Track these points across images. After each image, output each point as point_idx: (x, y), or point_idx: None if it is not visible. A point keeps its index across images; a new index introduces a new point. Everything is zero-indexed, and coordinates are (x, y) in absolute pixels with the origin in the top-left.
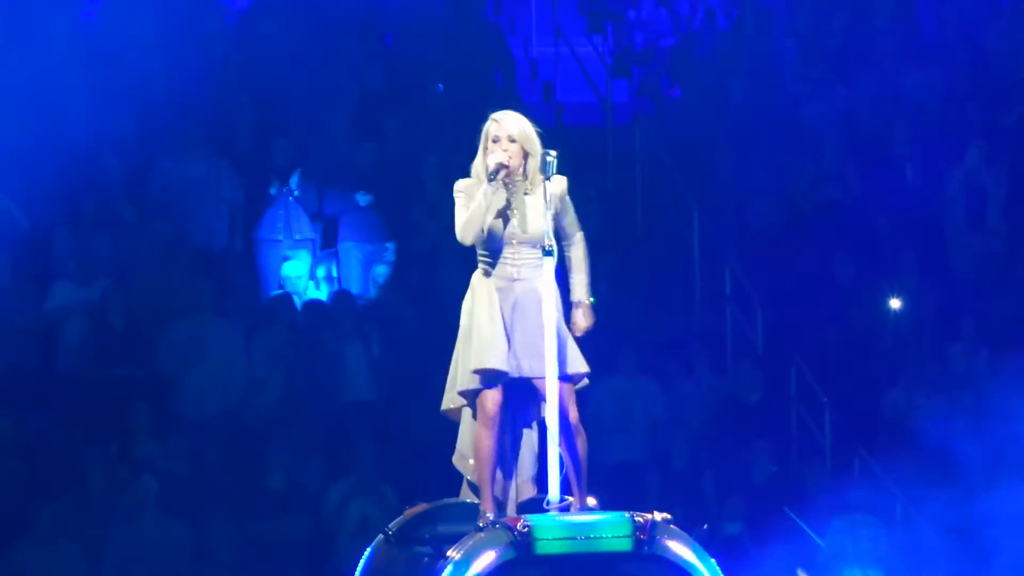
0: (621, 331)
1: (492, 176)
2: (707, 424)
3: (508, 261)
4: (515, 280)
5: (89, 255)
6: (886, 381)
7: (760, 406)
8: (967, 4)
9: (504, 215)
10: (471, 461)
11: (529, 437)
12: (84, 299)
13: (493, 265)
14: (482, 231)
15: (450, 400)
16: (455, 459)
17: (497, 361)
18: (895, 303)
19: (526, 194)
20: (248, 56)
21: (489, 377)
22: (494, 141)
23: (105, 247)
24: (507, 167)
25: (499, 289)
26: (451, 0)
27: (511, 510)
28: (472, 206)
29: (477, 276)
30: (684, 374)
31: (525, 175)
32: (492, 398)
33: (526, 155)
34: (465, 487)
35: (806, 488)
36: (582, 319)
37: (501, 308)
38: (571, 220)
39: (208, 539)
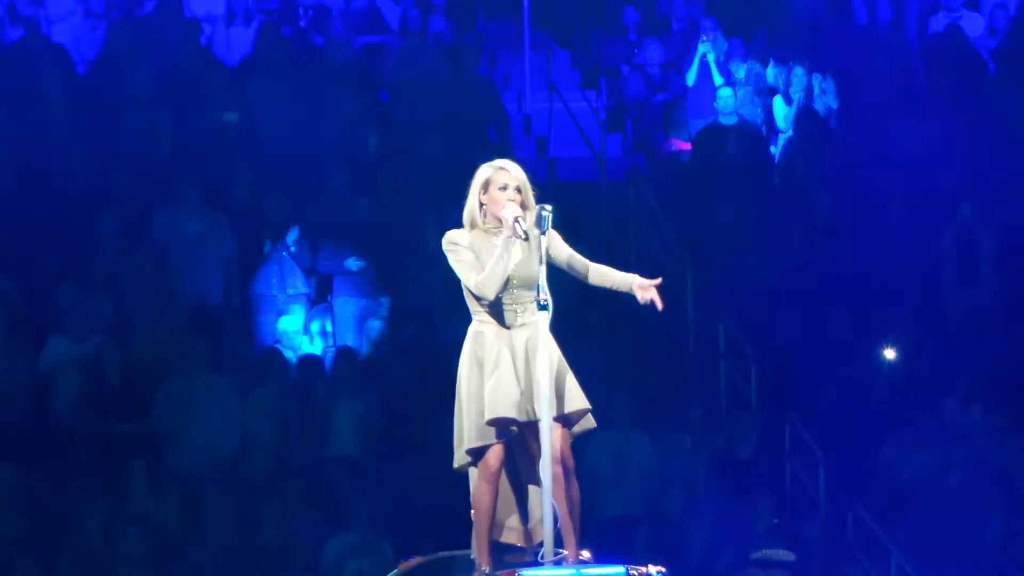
0: (615, 386)
1: (517, 229)
2: (701, 479)
3: (508, 307)
4: (516, 326)
5: (85, 311)
6: (880, 436)
7: (754, 460)
8: (960, 60)
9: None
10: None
11: (545, 477)
12: (79, 354)
13: (492, 314)
14: (504, 283)
15: (460, 458)
16: (472, 513)
17: (509, 409)
18: (888, 358)
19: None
20: (243, 112)
21: (502, 429)
22: (501, 189)
23: (101, 303)
24: (523, 217)
25: (501, 336)
26: (445, 56)
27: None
28: (491, 261)
29: (475, 327)
30: (678, 429)
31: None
32: (496, 454)
33: (524, 204)
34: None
35: (800, 543)
36: (645, 282)
37: (505, 355)
38: (575, 256)
39: None
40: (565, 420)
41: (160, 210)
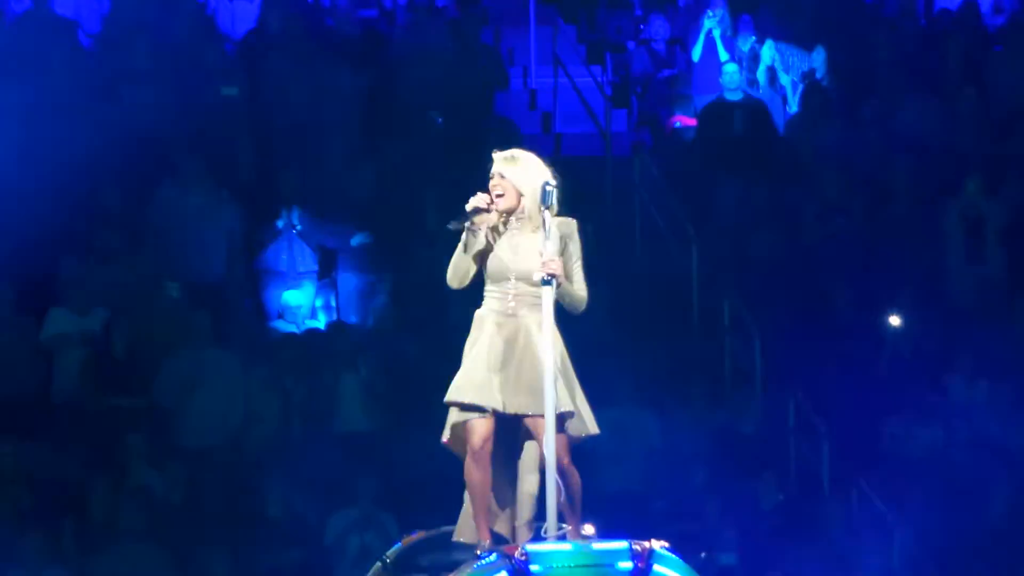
0: (619, 361)
1: (467, 219)
2: (704, 454)
3: (507, 298)
4: (511, 316)
5: (86, 284)
6: (885, 412)
7: (758, 436)
8: (966, 36)
9: (504, 252)
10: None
11: (528, 479)
12: (81, 328)
13: (494, 301)
14: (465, 275)
15: (446, 433)
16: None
17: (474, 395)
18: (894, 333)
19: (533, 231)
20: (248, 86)
21: (467, 409)
22: (491, 178)
23: (103, 276)
24: (483, 210)
25: (497, 324)
26: (450, 30)
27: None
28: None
29: (480, 311)
30: (682, 404)
31: (524, 212)
32: (477, 431)
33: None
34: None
35: (803, 519)
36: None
37: (497, 344)
38: (575, 267)
39: (205, 568)
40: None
41: (163, 184)
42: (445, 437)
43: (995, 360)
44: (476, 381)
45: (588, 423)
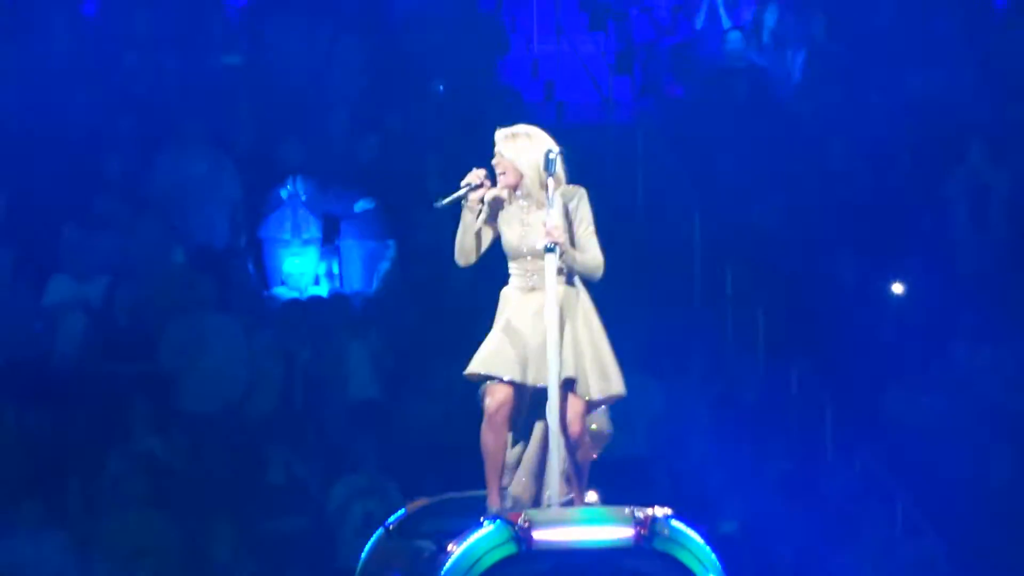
0: (621, 330)
1: (459, 197)
2: (707, 422)
3: (526, 274)
4: (533, 291)
5: (88, 250)
6: (888, 380)
7: (761, 404)
8: (970, 1)
9: (515, 230)
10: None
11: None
12: (82, 294)
13: (515, 277)
14: (469, 252)
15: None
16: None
17: (491, 367)
18: (897, 301)
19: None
20: (249, 52)
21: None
22: (494, 156)
23: (104, 243)
24: (476, 187)
25: (519, 299)
26: None
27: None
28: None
29: (505, 289)
30: (685, 372)
31: (527, 189)
32: (497, 400)
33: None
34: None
35: (806, 487)
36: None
37: (521, 318)
38: (585, 232)
39: (208, 534)
40: (571, 386)
41: (165, 150)
42: (469, 369)
43: (999, 327)
44: (496, 353)
45: (614, 383)
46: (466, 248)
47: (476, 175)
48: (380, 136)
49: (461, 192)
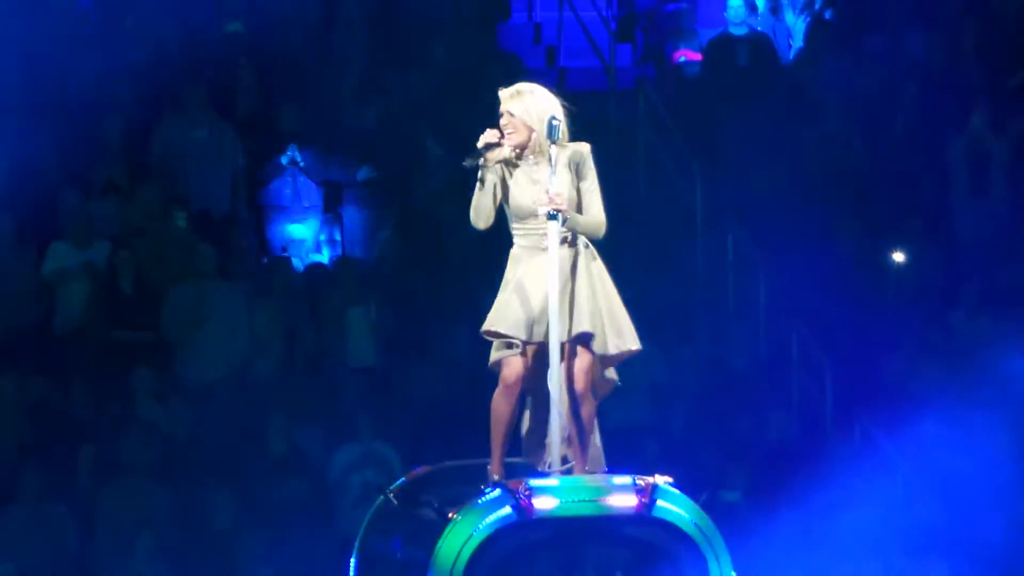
0: (622, 296)
1: (480, 155)
2: (707, 390)
3: (536, 232)
4: (544, 249)
5: (88, 217)
6: (888, 347)
7: (761, 371)
8: None
9: (525, 188)
10: None
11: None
12: (82, 261)
13: (523, 238)
14: (488, 213)
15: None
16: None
17: (508, 326)
18: (898, 268)
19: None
20: (250, 19)
21: (509, 343)
22: (500, 116)
23: (104, 209)
24: (495, 145)
25: (529, 260)
26: None
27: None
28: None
29: (513, 250)
30: (686, 339)
31: (538, 146)
32: (512, 369)
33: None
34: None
35: (806, 455)
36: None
37: (531, 278)
38: (588, 190)
39: (208, 503)
40: (582, 342)
41: (166, 117)
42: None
43: (999, 294)
44: (512, 313)
45: (628, 339)
46: (485, 209)
47: (492, 134)
48: (381, 103)
49: (482, 151)
